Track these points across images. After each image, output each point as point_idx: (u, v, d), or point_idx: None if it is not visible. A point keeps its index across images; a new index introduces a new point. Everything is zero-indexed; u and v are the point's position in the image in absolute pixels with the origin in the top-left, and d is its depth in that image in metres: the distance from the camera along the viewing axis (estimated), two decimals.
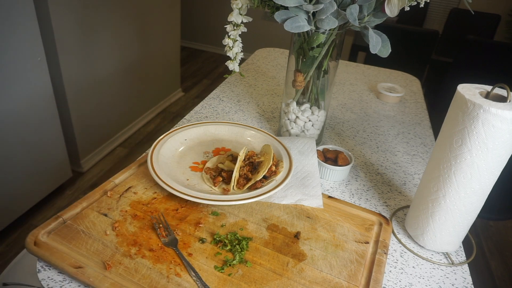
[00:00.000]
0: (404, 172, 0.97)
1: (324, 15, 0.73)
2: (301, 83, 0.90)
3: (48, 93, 1.81)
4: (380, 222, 0.76)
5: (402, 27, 2.68)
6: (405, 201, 0.87)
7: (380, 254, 0.68)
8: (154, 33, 2.69)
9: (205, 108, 1.19)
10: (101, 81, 2.26)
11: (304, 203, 0.79)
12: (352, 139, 1.10)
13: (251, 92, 1.33)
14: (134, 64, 2.55)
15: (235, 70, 0.86)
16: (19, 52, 1.60)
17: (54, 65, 1.90)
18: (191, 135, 0.94)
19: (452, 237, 0.70)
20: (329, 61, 0.89)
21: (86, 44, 2.06)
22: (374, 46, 0.75)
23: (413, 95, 1.44)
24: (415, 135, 1.16)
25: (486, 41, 2.54)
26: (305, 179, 0.84)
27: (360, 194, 0.87)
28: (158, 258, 0.64)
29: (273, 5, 0.78)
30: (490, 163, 0.61)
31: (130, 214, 0.73)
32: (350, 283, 0.63)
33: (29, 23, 1.60)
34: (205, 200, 0.72)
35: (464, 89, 0.62)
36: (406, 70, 1.67)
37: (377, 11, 0.76)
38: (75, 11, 1.92)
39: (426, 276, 0.68)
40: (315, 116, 0.96)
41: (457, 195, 0.65)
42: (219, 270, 0.63)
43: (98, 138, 2.39)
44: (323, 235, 0.72)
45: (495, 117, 0.56)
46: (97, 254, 0.63)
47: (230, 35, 0.82)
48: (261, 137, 0.95)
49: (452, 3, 3.73)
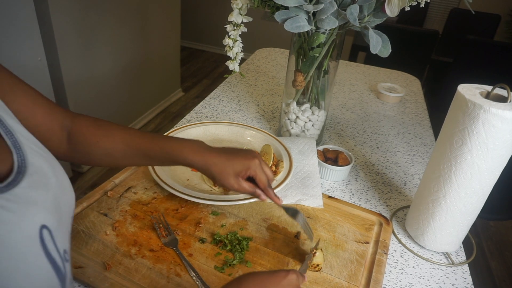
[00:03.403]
0: (404, 172, 0.97)
1: (324, 15, 0.73)
2: (301, 83, 0.90)
3: (48, 92, 1.81)
4: (380, 222, 0.76)
5: (402, 27, 2.68)
6: (405, 201, 0.87)
7: (380, 254, 0.68)
8: (154, 33, 2.69)
9: (205, 108, 1.19)
10: (101, 81, 2.26)
11: (304, 203, 0.79)
12: (352, 139, 1.10)
13: (251, 92, 1.33)
14: (134, 64, 2.55)
15: (235, 70, 0.86)
16: (19, 52, 1.60)
17: (54, 65, 1.90)
18: (191, 135, 0.94)
19: (452, 237, 0.70)
20: (329, 61, 0.89)
21: (86, 44, 2.06)
22: (375, 46, 0.75)
23: (413, 95, 1.44)
24: (415, 135, 1.16)
25: (486, 41, 2.54)
26: (305, 179, 0.84)
27: (360, 194, 0.87)
28: (158, 258, 0.64)
29: (273, 5, 0.78)
30: (491, 163, 0.61)
31: (130, 214, 0.73)
32: (350, 283, 0.62)
33: (29, 23, 1.60)
34: (205, 200, 0.72)
35: (465, 89, 0.62)
36: (406, 70, 1.67)
37: (377, 11, 0.76)
38: (75, 11, 1.92)
39: (426, 276, 0.68)
40: (315, 116, 0.96)
41: (458, 195, 0.65)
42: (219, 270, 0.63)
43: None
44: (323, 235, 0.72)
45: (495, 117, 0.56)
46: (97, 254, 0.63)
47: (230, 35, 0.82)
48: (261, 137, 0.95)
49: (452, 3, 3.73)
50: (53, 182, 0.40)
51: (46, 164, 0.41)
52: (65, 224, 0.42)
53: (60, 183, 0.42)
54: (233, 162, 0.61)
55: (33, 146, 0.41)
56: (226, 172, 0.60)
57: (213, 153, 0.61)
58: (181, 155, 0.60)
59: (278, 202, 0.64)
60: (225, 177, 0.60)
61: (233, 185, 0.61)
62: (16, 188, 0.35)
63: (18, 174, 0.36)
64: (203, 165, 0.60)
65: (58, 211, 0.40)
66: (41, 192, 0.38)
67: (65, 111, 0.58)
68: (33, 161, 0.39)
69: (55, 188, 0.40)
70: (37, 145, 0.42)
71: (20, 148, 0.38)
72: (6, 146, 0.38)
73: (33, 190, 0.37)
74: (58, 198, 0.40)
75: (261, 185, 0.63)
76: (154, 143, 0.60)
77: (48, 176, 0.40)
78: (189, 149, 0.60)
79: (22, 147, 0.39)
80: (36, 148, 0.41)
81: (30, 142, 0.41)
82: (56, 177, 0.41)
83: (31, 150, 0.40)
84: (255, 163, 0.62)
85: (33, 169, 0.38)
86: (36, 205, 0.36)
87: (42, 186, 0.39)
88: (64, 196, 0.42)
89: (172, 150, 0.60)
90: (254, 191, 0.63)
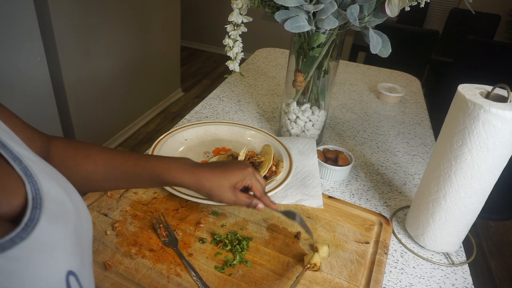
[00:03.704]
0: (405, 172, 0.97)
1: (324, 15, 0.73)
2: (301, 83, 0.90)
3: (48, 92, 1.81)
4: (380, 222, 0.76)
5: (402, 27, 2.68)
6: (405, 201, 0.87)
7: (380, 254, 0.68)
8: (154, 33, 2.69)
9: (205, 108, 1.19)
10: (101, 80, 2.26)
11: (305, 203, 0.79)
12: (353, 139, 1.10)
13: (251, 92, 1.33)
14: (134, 64, 2.55)
15: (236, 70, 0.86)
16: (19, 52, 1.60)
17: (54, 65, 1.90)
18: (191, 135, 0.94)
19: (453, 237, 0.70)
20: (329, 61, 0.89)
21: (86, 44, 2.06)
22: (375, 46, 0.75)
23: (413, 95, 1.44)
24: (415, 135, 1.16)
25: (486, 41, 2.54)
26: (306, 179, 0.84)
27: (360, 194, 0.87)
28: (158, 258, 0.64)
29: (274, 5, 0.78)
30: (491, 163, 0.61)
31: (131, 214, 0.73)
32: (351, 283, 0.63)
33: (29, 23, 1.60)
34: (205, 200, 0.72)
35: (465, 89, 0.62)
36: (406, 70, 1.67)
37: (378, 11, 0.76)
38: (75, 11, 1.92)
39: (426, 276, 0.68)
40: (316, 116, 0.96)
41: (458, 195, 0.65)
42: (219, 270, 0.63)
43: (98, 138, 2.39)
44: (323, 235, 0.72)
45: (495, 117, 0.56)
46: (97, 254, 0.63)
47: (230, 35, 0.82)
48: (262, 137, 0.95)
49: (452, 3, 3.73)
50: (71, 210, 0.35)
51: (61, 190, 0.35)
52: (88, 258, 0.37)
53: (77, 209, 0.37)
54: (228, 174, 0.59)
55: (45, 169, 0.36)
56: (222, 186, 0.58)
57: (204, 169, 0.58)
58: (169, 175, 0.56)
59: (275, 208, 0.63)
60: (222, 191, 0.58)
61: (230, 198, 0.59)
62: (35, 230, 0.29)
63: (35, 209, 0.31)
64: (195, 183, 0.57)
65: (80, 246, 0.35)
66: (61, 227, 0.33)
67: (42, 135, 0.54)
68: (48, 189, 0.33)
69: (73, 218, 0.35)
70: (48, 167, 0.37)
71: (31, 175, 0.33)
72: (16, 175, 0.32)
73: (53, 227, 0.31)
74: (78, 229, 0.35)
75: (257, 193, 0.62)
76: (138, 164, 0.56)
77: (65, 204, 0.35)
78: (177, 168, 0.57)
79: (33, 173, 0.33)
80: (49, 171, 0.37)
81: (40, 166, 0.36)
82: (72, 203, 0.36)
83: (43, 176, 0.34)
84: (250, 172, 0.61)
85: (49, 199, 0.33)
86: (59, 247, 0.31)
87: (62, 219, 0.33)
88: (83, 224, 0.37)
89: (158, 170, 0.56)
90: (251, 201, 0.61)
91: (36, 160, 0.36)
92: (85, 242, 0.37)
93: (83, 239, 0.36)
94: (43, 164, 0.37)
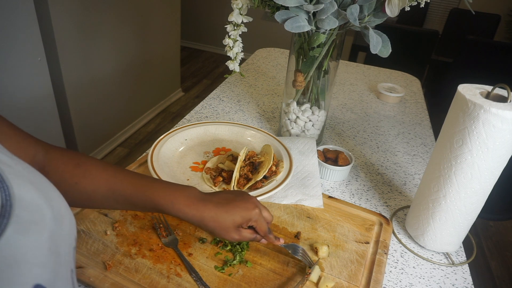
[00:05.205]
0: (405, 172, 0.97)
1: (324, 15, 0.73)
2: (301, 83, 0.90)
3: (48, 93, 1.81)
4: (380, 222, 0.76)
5: (402, 27, 2.68)
6: (405, 201, 0.87)
7: (380, 254, 0.68)
8: (154, 33, 2.69)
9: (205, 108, 1.19)
10: (101, 81, 2.26)
11: (305, 203, 0.79)
12: (353, 139, 1.10)
13: (251, 92, 1.33)
14: (134, 64, 2.55)
15: (236, 70, 0.86)
16: (19, 52, 1.60)
17: (54, 65, 1.90)
18: (191, 135, 0.94)
19: (453, 237, 0.70)
20: (330, 61, 0.89)
21: (86, 44, 2.06)
22: (375, 46, 0.75)
23: (413, 95, 1.44)
24: (415, 135, 1.16)
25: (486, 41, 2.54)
26: (306, 179, 0.84)
27: (360, 194, 0.87)
28: (158, 258, 0.64)
29: (274, 5, 0.78)
30: (491, 163, 0.61)
31: (130, 214, 0.73)
32: (351, 283, 0.63)
33: (29, 23, 1.60)
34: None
35: (465, 89, 0.62)
36: (406, 70, 1.67)
37: (378, 11, 0.76)
38: (75, 11, 1.92)
39: (426, 276, 0.68)
40: (316, 116, 0.96)
41: (458, 195, 0.65)
42: (219, 270, 0.63)
43: (98, 138, 2.39)
44: (323, 235, 0.72)
45: (495, 117, 0.56)
46: (97, 254, 0.63)
47: (230, 35, 0.82)
48: (262, 137, 0.95)
49: (452, 3, 3.73)
50: (48, 217, 0.32)
51: (38, 194, 0.32)
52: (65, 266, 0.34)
53: (57, 214, 0.33)
54: (233, 214, 0.56)
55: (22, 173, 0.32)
56: (226, 226, 0.56)
57: (209, 204, 0.56)
58: (172, 208, 0.54)
59: (278, 244, 0.63)
60: (226, 231, 0.56)
61: (234, 238, 0.57)
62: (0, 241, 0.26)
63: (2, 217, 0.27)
64: (199, 220, 0.55)
65: (55, 254, 0.32)
66: (32, 237, 0.29)
67: (37, 143, 0.52)
68: (21, 193, 0.30)
69: (50, 224, 0.32)
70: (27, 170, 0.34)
71: (3, 180, 0.29)
72: None
73: (21, 237, 0.28)
74: (55, 236, 0.32)
75: (261, 233, 0.60)
76: (140, 191, 0.55)
77: (41, 210, 0.31)
78: (180, 202, 0.55)
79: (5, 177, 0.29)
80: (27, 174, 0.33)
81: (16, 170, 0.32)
82: (51, 208, 0.32)
83: (18, 181, 0.30)
84: (256, 213, 0.57)
85: (21, 206, 0.29)
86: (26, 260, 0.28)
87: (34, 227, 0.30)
88: (63, 230, 0.34)
89: (160, 201, 0.54)
90: (254, 237, 0.60)
91: (13, 163, 0.33)
92: (63, 249, 0.34)
93: (60, 247, 0.33)
94: (22, 168, 0.34)
